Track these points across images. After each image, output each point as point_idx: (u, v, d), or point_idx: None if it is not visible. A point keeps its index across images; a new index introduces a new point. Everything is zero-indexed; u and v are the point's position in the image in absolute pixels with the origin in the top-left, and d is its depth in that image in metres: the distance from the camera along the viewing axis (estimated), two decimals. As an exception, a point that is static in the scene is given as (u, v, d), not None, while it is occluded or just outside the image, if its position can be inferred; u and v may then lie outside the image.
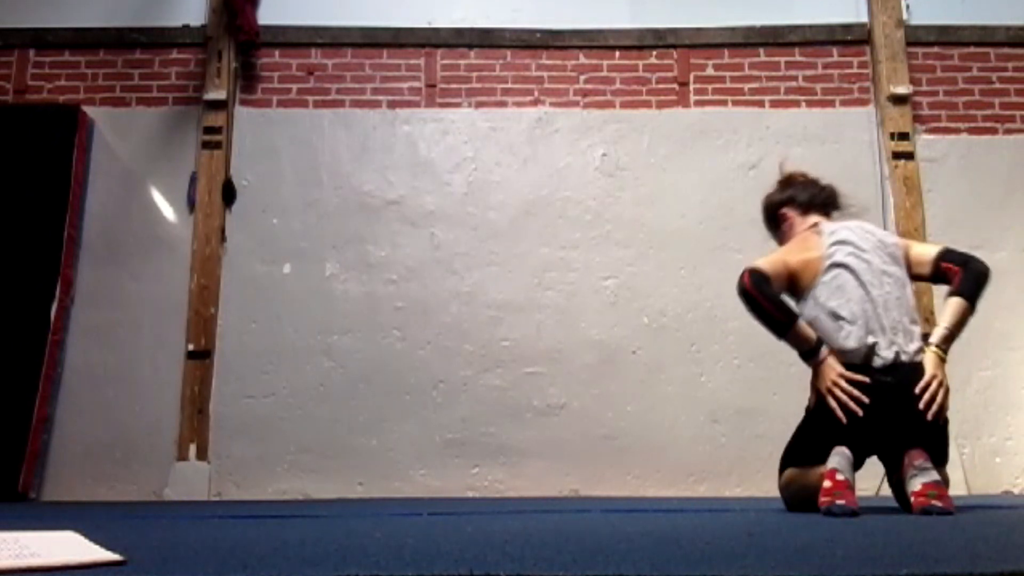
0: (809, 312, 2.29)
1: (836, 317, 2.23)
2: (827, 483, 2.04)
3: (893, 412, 2.15)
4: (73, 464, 4.26)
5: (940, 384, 2.16)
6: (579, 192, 4.64)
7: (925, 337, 2.25)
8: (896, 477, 2.18)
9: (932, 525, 1.65)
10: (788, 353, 2.29)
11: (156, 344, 4.42)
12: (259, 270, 4.54)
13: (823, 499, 2.02)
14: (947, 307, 2.23)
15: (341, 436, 4.33)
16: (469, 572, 0.92)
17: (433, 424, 4.35)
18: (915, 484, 2.03)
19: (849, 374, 2.18)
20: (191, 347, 4.40)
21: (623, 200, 4.63)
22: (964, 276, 2.25)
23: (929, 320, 4.32)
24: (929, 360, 2.19)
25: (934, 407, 2.12)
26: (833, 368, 2.19)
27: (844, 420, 2.15)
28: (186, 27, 4.83)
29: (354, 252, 4.57)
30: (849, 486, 2.04)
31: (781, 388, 4.22)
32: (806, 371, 2.18)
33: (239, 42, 4.72)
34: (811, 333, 2.24)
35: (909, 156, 4.62)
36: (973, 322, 2.24)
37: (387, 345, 4.45)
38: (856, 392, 2.15)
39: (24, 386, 4.19)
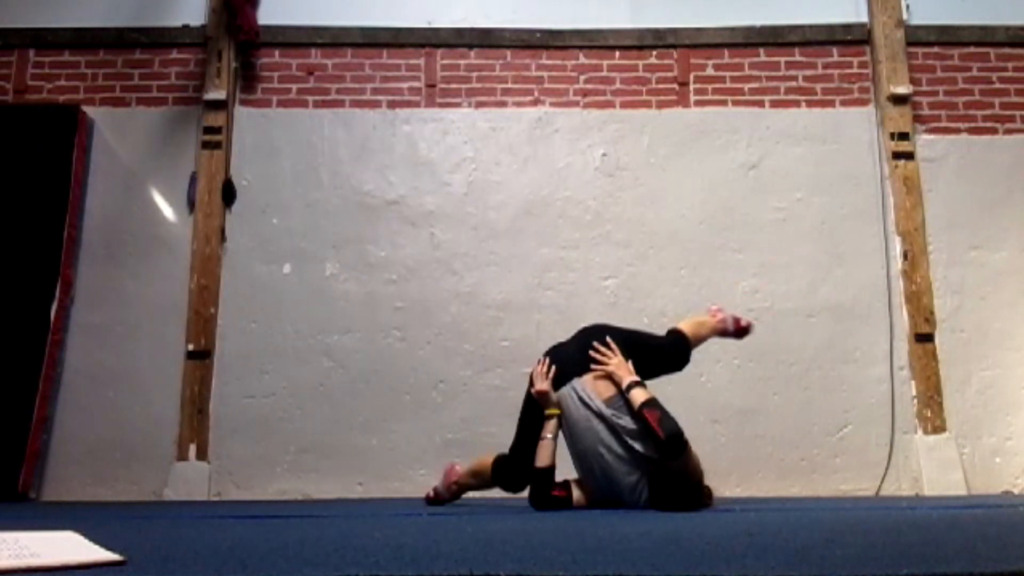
0: None
1: None
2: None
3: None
4: (73, 464, 4.26)
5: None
6: (579, 192, 4.64)
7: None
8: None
9: (932, 525, 1.65)
10: (788, 353, 2.30)
11: (156, 344, 4.42)
12: (259, 270, 4.54)
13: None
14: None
15: (341, 436, 4.33)
16: (469, 572, 0.92)
17: (433, 424, 4.35)
18: None
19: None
20: (191, 347, 4.40)
21: (623, 200, 4.63)
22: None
23: (929, 320, 4.35)
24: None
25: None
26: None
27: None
28: (186, 27, 4.83)
29: (354, 252, 4.56)
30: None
31: (781, 388, 4.21)
32: (806, 371, 2.17)
33: (239, 42, 4.72)
34: None
35: (909, 156, 4.62)
36: (973, 322, 2.24)
37: (387, 345, 4.45)
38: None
39: (24, 386, 4.19)
